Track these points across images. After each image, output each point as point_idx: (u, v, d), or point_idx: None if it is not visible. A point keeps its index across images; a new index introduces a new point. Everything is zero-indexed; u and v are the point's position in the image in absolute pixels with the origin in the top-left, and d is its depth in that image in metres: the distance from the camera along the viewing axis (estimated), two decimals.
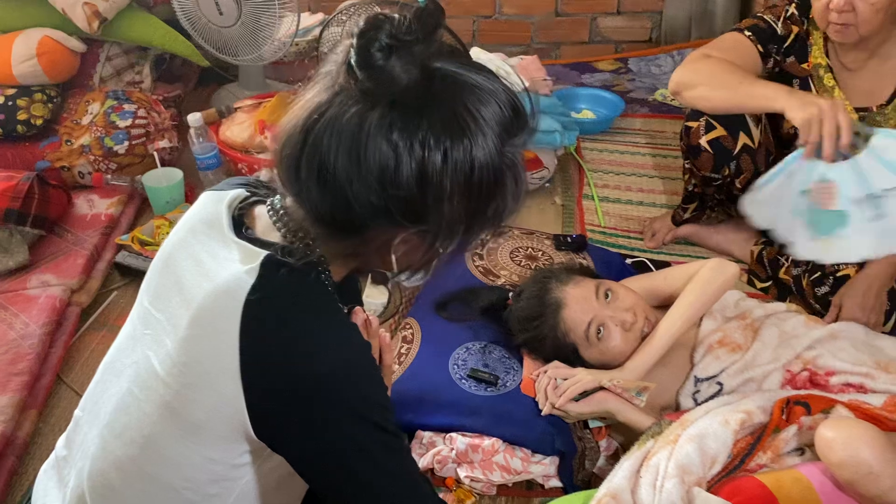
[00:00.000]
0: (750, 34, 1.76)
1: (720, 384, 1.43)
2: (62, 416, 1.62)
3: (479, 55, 2.36)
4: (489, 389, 1.50)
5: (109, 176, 2.28)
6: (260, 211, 0.92)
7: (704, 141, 1.77)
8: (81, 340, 1.82)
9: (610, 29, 3.35)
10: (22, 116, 2.25)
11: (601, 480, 1.28)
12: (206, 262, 0.86)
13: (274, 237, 0.88)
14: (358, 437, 0.84)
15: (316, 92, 0.81)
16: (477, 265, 1.85)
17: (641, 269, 1.96)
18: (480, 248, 1.91)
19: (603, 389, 1.41)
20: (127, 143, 2.30)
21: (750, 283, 1.93)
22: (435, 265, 0.90)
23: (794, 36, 1.76)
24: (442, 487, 1.44)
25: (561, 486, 1.44)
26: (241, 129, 2.31)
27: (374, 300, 1.86)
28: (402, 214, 0.79)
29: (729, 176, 1.80)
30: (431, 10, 0.79)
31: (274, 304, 0.82)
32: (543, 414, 1.44)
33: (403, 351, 1.61)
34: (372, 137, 0.75)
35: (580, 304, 1.47)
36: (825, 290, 1.74)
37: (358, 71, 0.76)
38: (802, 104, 1.47)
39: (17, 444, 1.51)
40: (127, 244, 2.03)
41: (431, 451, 1.44)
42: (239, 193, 0.95)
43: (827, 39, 1.71)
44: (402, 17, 0.77)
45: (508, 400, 1.48)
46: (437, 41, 0.80)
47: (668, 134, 2.68)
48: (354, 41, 0.76)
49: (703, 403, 1.38)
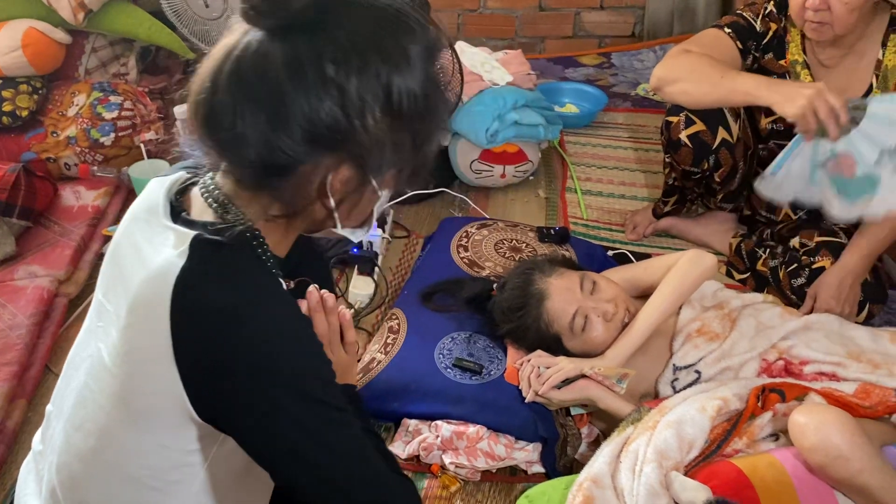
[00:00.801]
0: (730, 31, 1.80)
1: (698, 372, 1.47)
2: None
3: (463, 49, 2.38)
4: (474, 378, 1.53)
5: (96, 167, 2.29)
6: (195, 192, 0.90)
7: (684, 135, 1.81)
8: (69, 331, 1.83)
9: (593, 24, 3.38)
10: (7, 108, 2.25)
11: (583, 466, 1.31)
12: (143, 249, 0.85)
13: (208, 217, 0.86)
14: (293, 411, 0.82)
15: (219, 45, 0.81)
16: (462, 257, 1.88)
17: (623, 261, 1.99)
18: (465, 238, 1.94)
19: (584, 377, 1.45)
20: (113, 134, 2.30)
21: (728, 274, 1.98)
22: (376, 210, 0.90)
23: (772, 33, 1.79)
24: (427, 474, 1.47)
25: (544, 471, 1.47)
26: None
27: (360, 291, 1.88)
28: (325, 140, 0.78)
29: (708, 170, 1.84)
30: None
31: (202, 282, 0.80)
32: (527, 401, 1.47)
33: (390, 341, 1.64)
34: (282, 67, 0.75)
35: (564, 295, 1.50)
36: (801, 281, 1.78)
37: None
38: (789, 99, 1.52)
39: (6, 433, 1.52)
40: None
41: (417, 438, 1.47)
42: (179, 176, 0.93)
43: (804, 37, 1.75)
44: None
45: (492, 388, 1.51)
46: None
47: (649, 128, 2.71)
48: None
49: (681, 391, 1.42)
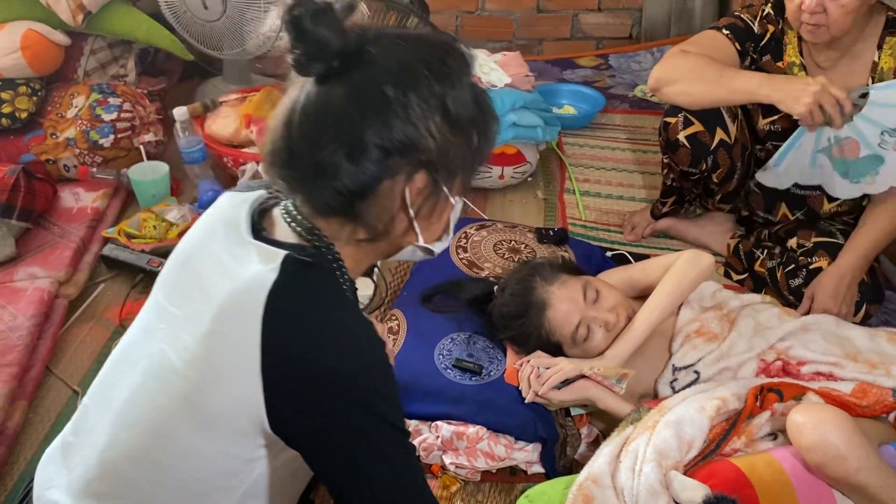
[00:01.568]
0: (728, 32, 1.81)
1: (697, 373, 1.48)
2: (52, 407, 1.64)
3: None
4: (473, 379, 1.54)
5: (95, 169, 2.29)
6: (276, 213, 0.96)
7: (682, 136, 1.81)
8: (69, 332, 1.83)
9: (591, 25, 3.39)
10: (6, 109, 2.25)
11: (582, 467, 1.31)
12: (226, 261, 0.90)
13: (290, 238, 0.92)
14: (371, 433, 0.87)
15: (286, 95, 0.89)
16: (461, 258, 1.89)
17: (621, 262, 1.99)
18: (464, 239, 1.95)
19: (584, 377, 1.45)
20: (112, 136, 2.31)
21: (726, 275, 1.98)
22: (452, 218, 0.97)
23: (769, 35, 1.80)
24: (427, 474, 1.47)
25: (543, 471, 1.48)
26: (226, 122, 2.33)
27: (359, 292, 1.88)
28: (398, 152, 0.85)
29: (706, 170, 1.85)
30: None
31: (294, 301, 0.86)
32: (527, 402, 1.47)
33: (389, 342, 1.64)
34: (345, 102, 0.84)
35: (566, 305, 1.50)
36: (799, 282, 1.79)
37: (294, 46, 0.83)
38: (794, 98, 1.56)
39: (7, 434, 1.53)
40: (113, 237, 2.04)
41: (417, 438, 1.48)
42: (260, 195, 0.99)
43: (801, 39, 1.76)
44: None
45: (492, 388, 1.52)
46: (355, 7, 0.87)
47: (647, 129, 2.72)
48: (285, 20, 0.83)
49: (680, 391, 1.43)
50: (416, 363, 1.57)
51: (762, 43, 1.81)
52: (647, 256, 1.97)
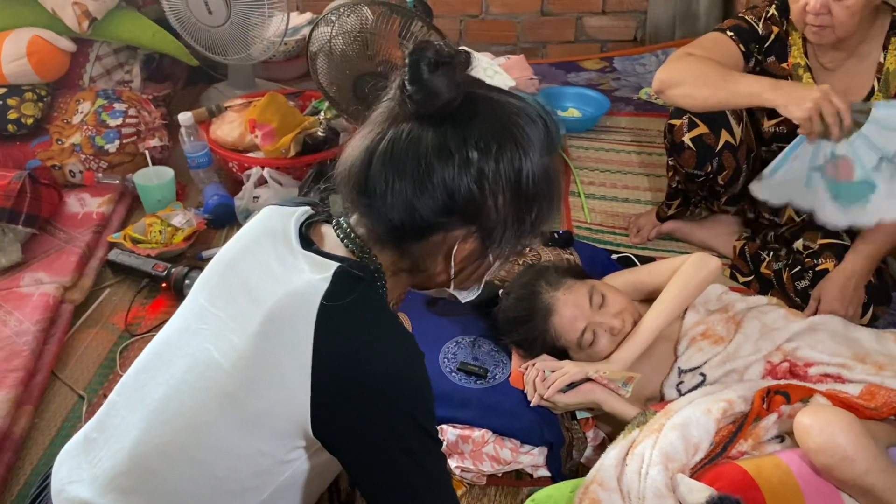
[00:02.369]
0: (732, 34, 1.80)
1: (703, 375, 1.47)
2: (57, 411, 1.64)
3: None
4: (479, 382, 1.53)
5: (100, 174, 2.30)
6: (326, 229, 1.01)
7: (687, 138, 1.81)
8: (75, 337, 1.84)
9: (595, 28, 3.39)
10: (12, 116, 2.26)
11: (588, 470, 1.31)
12: (274, 268, 0.94)
13: (339, 252, 0.97)
14: (409, 440, 0.90)
15: (374, 122, 0.93)
16: None
17: (627, 264, 1.99)
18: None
19: (590, 381, 1.45)
20: (118, 141, 2.32)
21: (732, 277, 1.98)
22: (486, 276, 1.02)
23: (774, 36, 1.80)
24: None
25: (549, 475, 1.47)
26: (231, 127, 2.33)
27: None
28: (460, 213, 0.89)
29: (711, 172, 1.84)
30: (464, 51, 0.91)
31: (345, 310, 0.89)
32: (532, 405, 1.47)
33: None
34: (431, 149, 0.87)
35: (571, 311, 1.50)
36: (805, 284, 1.79)
37: (409, 85, 0.87)
38: (795, 101, 1.53)
39: (13, 439, 1.53)
40: (119, 242, 2.05)
41: None
42: (305, 210, 1.03)
43: (806, 40, 1.76)
44: (443, 42, 0.90)
45: (498, 392, 1.52)
46: (472, 63, 0.92)
47: (652, 132, 2.71)
48: (407, 60, 0.87)
49: (686, 394, 1.42)
50: None
51: (766, 44, 1.80)
52: (652, 259, 1.96)
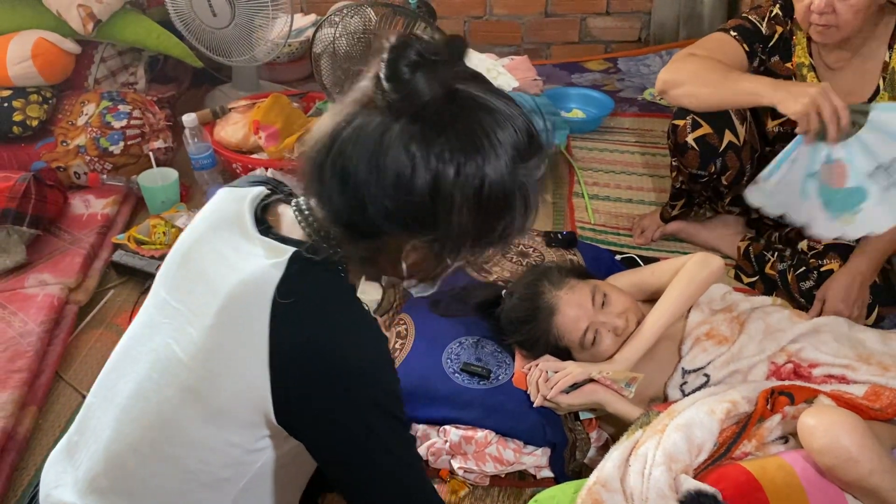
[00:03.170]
0: (736, 34, 1.80)
1: (707, 376, 1.47)
2: (61, 412, 1.64)
3: (469, 56, 2.39)
4: (482, 383, 1.53)
5: (105, 176, 2.30)
6: (283, 210, 0.97)
7: (691, 139, 1.81)
8: (79, 338, 1.84)
9: (599, 29, 3.38)
10: (17, 118, 2.27)
11: (591, 471, 1.31)
12: (229, 255, 0.91)
13: (297, 235, 0.93)
14: (375, 425, 0.88)
15: (347, 102, 0.86)
16: None
17: (631, 265, 1.98)
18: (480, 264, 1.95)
19: (593, 381, 1.45)
20: (122, 143, 2.32)
21: (737, 277, 1.97)
22: (442, 277, 0.96)
23: (778, 36, 1.79)
24: (436, 479, 1.47)
25: (552, 476, 1.47)
26: (235, 129, 2.34)
27: (368, 297, 1.89)
28: (413, 221, 0.84)
29: (715, 173, 1.84)
30: (459, 37, 0.87)
31: (302, 295, 0.86)
32: (535, 406, 1.47)
33: (398, 346, 1.64)
34: (392, 147, 0.81)
35: (574, 310, 1.49)
36: (809, 284, 1.78)
37: (385, 83, 0.81)
38: (793, 97, 1.52)
39: (17, 439, 1.53)
40: (123, 243, 2.05)
41: (426, 443, 1.47)
42: (260, 191, 1.00)
43: (810, 39, 1.75)
44: (431, 38, 0.84)
45: (501, 393, 1.51)
46: (461, 65, 0.86)
47: (656, 132, 2.71)
48: (385, 55, 0.81)
49: (690, 394, 1.42)
50: (424, 367, 1.57)
51: (770, 44, 1.80)
52: (656, 259, 1.95)
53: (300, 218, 0.94)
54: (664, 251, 2.10)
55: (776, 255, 1.89)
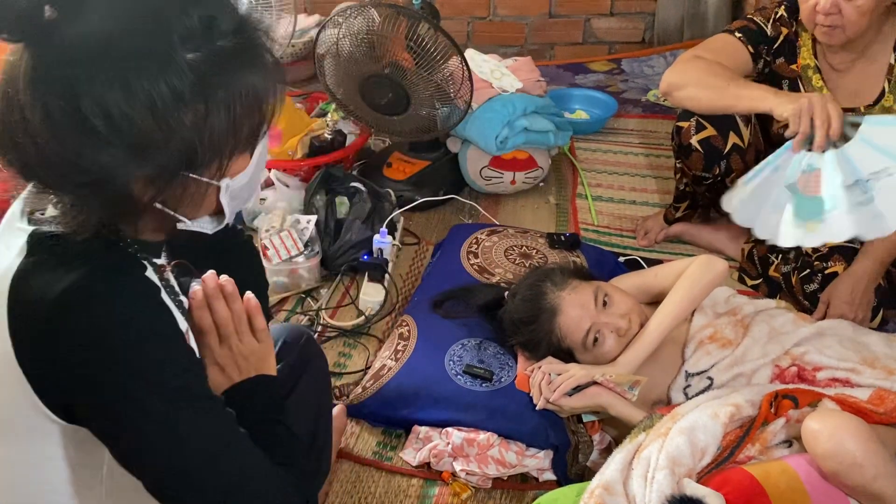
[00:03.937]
0: (740, 35, 1.79)
1: (710, 379, 1.46)
2: None
3: (473, 56, 2.39)
4: (484, 385, 1.53)
5: None
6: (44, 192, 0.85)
7: (695, 141, 1.80)
8: None
9: (603, 30, 3.38)
10: None
11: (594, 474, 1.30)
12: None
13: (54, 213, 0.83)
14: (139, 395, 0.79)
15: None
16: (472, 263, 1.88)
17: (634, 267, 1.98)
18: (475, 244, 1.94)
19: (596, 384, 1.44)
20: None
21: (741, 280, 1.96)
22: (230, 203, 0.86)
23: (783, 37, 1.79)
24: (438, 481, 1.46)
25: (555, 479, 1.46)
26: None
27: (370, 298, 1.88)
28: (130, 149, 0.74)
29: (719, 175, 1.83)
30: None
31: (35, 276, 0.79)
32: (538, 409, 1.46)
33: (400, 348, 1.64)
34: (42, 85, 0.72)
35: (577, 311, 1.49)
36: (814, 287, 1.77)
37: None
38: (791, 98, 1.51)
39: None
40: None
41: (428, 445, 1.47)
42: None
43: (815, 41, 1.74)
44: None
45: (503, 395, 1.51)
46: None
47: (660, 134, 2.70)
48: None
49: (693, 397, 1.41)
50: (426, 369, 1.56)
51: (775, 46, 1.79)
52: (660, 262, 1.95)
53: (40, 190, 0.82)
54: (668, 253, 2.10)
55: (780, 257, 1.88)
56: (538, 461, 1.46)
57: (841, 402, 1.31)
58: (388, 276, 1.96)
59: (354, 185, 2.13)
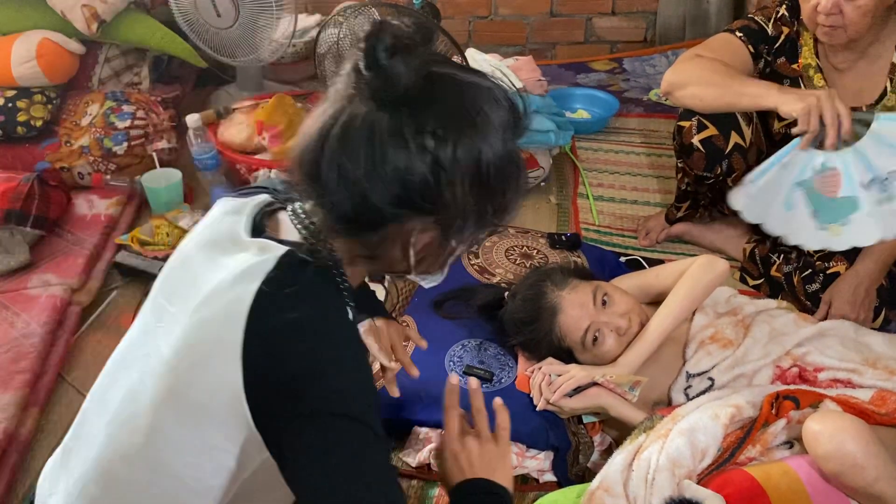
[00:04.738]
0: (741, 35, 1.79)
1: (711, 379, 1.46)
2: (64, 413, 1.64)
3: (474, 56, 2.38)
4: (484, 385, 1.52)
5: (109, 176, 2.30)
6: (283, 216, 0.97)
7: (696, 140, 1.80)
8: (82, 339, 1.84)
9: (605, 29, 3.37)
10: (22, 118, 2.27)
11: (595, 475, 1.30)
12: (222, 261, 0.91)
13: (293, 238, 0.92)
14: (343, 433, 0.84)
15: (329, 102, 0.86)
16: (473, 263, 1.88)
17: (635, 267, 1.98)
18: (478, 247, 1.94)
19: (596, 385, 1.44)
20: (126, 143, 2.32)
21: (742, 280, 1.96)
22: (449, 262, 0.96)
23: (784, 37, 1.78)
24: (438, 482, 1.46)
25: (555, 480, 1.46)
26: (239, 129, 2.33)
27: None
28: (418, 200, 0.83)
29: (721, 174, 1.83)
30: (428, 21, 0.84)
31: (285, 294, 0.85)
32: (538, 409, 1.46)
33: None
34: (385, 136, 0.81)
35: (576, 310, 1.49)
36: (815, 287, 1.77)
37: (365, 71, 0.82)
38: (798, 96, 1.50)
39: (19, 441, 1.53)
40: (126, 244, 2.05)
41: (428, 446, 1.47)
42: (262, 199, 0.99)
43: (817, 40, 1.74)
44: (402, 23, 0.84)
45: (503, 396, 1.49)
46: (434, 48, 0.86)
47: (662, 133, 2.70)
48: (362, 44, 0.82)
49: (694, 398, 1.41)
50: (427, 370, 1.55)
51: (776, 45, 1.79)
52: (661, 262, 1.94)
53: (296, 221, 0.93)
54: (669, 253, 2.09)
55: (782, 257, 1.88)
56: (538, 462, 1.46)
57: (842, 402, 1.31)
58: (388, 276, 1.95)
59: None
